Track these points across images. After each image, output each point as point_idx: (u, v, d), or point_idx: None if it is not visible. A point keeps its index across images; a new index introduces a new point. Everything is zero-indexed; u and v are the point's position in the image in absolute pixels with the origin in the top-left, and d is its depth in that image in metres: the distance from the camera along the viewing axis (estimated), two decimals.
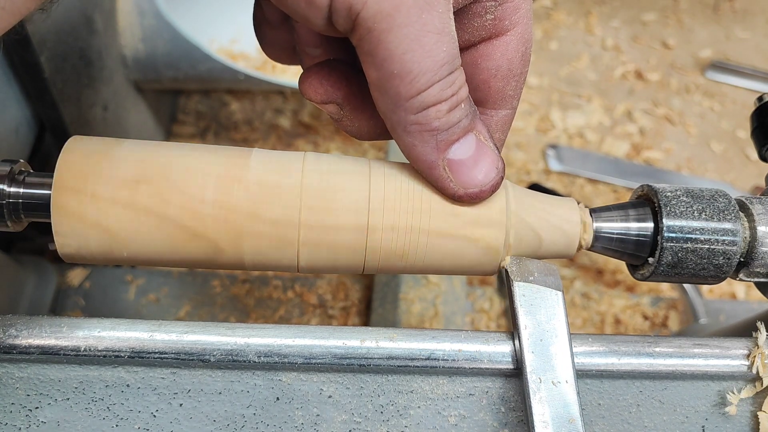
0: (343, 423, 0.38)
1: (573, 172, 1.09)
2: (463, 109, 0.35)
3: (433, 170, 0.35)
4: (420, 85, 0.33)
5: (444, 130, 0.34)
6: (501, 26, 0.38)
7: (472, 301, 0.84)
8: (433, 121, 0.34)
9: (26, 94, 0.63)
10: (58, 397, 0.36)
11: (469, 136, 0.36)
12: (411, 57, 0.32)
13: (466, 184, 0.35)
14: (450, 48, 0.33)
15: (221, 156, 0.36)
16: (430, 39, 0.32)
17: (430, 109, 0.34)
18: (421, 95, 0.33)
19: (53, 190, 0.34)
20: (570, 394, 0.34)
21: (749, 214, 0.38)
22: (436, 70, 0.33)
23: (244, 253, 0.36)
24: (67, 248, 0.36)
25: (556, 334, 0.36)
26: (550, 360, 0.35)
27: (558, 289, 0.37)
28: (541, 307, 0.36)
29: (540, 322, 0.36)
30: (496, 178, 0.36)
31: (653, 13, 1.36)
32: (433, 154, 0.35)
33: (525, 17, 0.39)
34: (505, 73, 0.39)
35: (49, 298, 0.76)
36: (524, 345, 0.35)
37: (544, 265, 0.38)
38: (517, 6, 0.38)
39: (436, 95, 0.33)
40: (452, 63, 0.34)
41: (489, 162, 0.36)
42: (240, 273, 0.82)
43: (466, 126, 0.35)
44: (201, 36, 0.82)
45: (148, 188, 0.35)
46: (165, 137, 1.01)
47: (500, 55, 0.39)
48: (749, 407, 0.39)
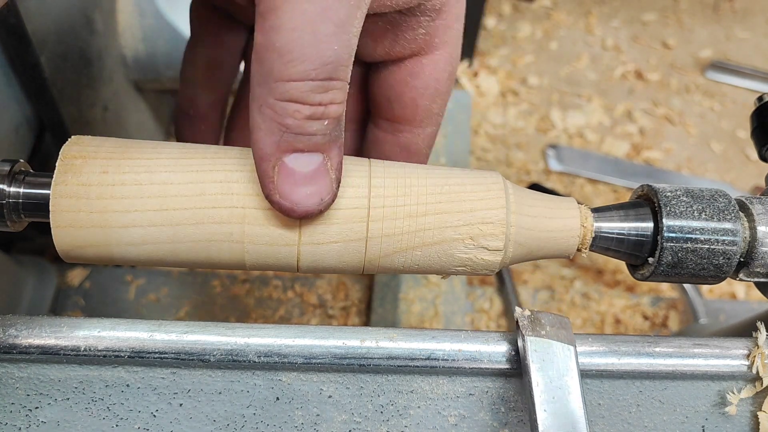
0: (343, 423, 0.37)
1: (573, 172, 1.09)
2: (324, 125, 0.32)
3: (263, 162, 0.33)
4: (293, 72, 0.30)
5: (293, 133, 0.32)
6: (432, 43, 0.38)
7: (472, 301, 0.84)
8: (286, 118, 0.31)
9: (26, 94, 0.63)
10: (58, 397, 0.36)
11: (315, 154, 0.33)
12: (297, 37, 0.29)
13: (284, 193, 0.33)
14: (342, 49, 0.31)
15: (221, 154, 0.36)
16: (326, 28, 0.30)
17: (290, 104, 0.31)
18: (289, 83, 0.30)
19: (53, 189, 0.34)
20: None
21: (749, 214, 0.38)
22: (317, 66, 0.30)
23: (244, 252, 0.36)
24: (67, 248, 0.36)
25: (569, 390, 0.35)
26: (562, 419, 0.34)
27: (571, 343, 0.36)
28: (553, 362, 0.35)
29: (552, 378, 0.35)
30: (314, 208, 0.33)
31: (653, 13, 1.36)
32: (271, 148, 0.32)
33: (455, 37, 0.38)
34: (432, 92, 0.39)
35: (49, 298, 0.76)
36: (536, 404, 0.34)
37: (557, 318, 0.37)
38: (448, 25, 0.38)
39: (302, 94, 0.31)
40: (336, 67, 0.31)
41: (317, 189, 0.33)
42: (240, 273, 0.82)
43: (319, 143, 0.32)
44: None
45: (147, 186, 0.35)
46: (165, 137, 1.01)
47: (428, 74, 0.39)
48: (749, 407, 0.39)
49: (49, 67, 0.62)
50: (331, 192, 0.34)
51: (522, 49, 1.27)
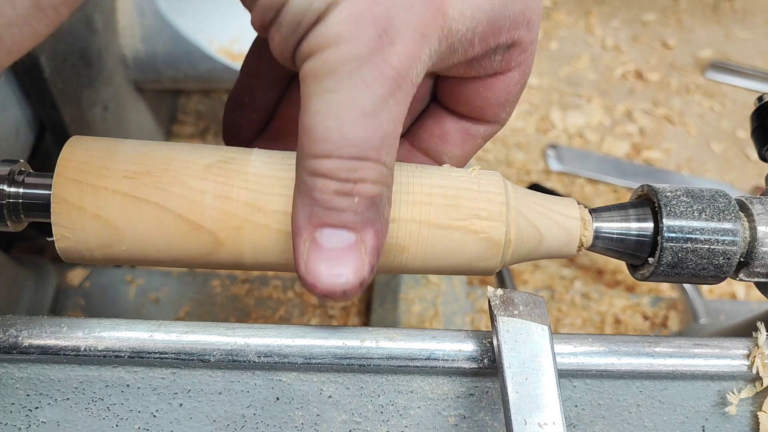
0: (343, 423, 0.37)
1: (573, 172, 1.09)
2: (354, 203, 0.32)
3: (296, 237, 0.33)
4: (318, 149, 0.31)
5: (322, 207, 0.32)
6: (507, 66, 0.38)
7: (472, 301, 0.84)
8: (315, 192, 0.31)
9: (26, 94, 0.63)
10: (58, 397, 0.36)
11: (346, 233, 0.32)
12: (321, 120, 0.30)
13: (309, 268, 0.32)
14: (369, 133, 0.31)
15: (223, 154, 0.36)
16: (349, 115, 0.30)
17: (318, 178, 0.31)
18: (316, 160, 0.31)
19: (53, 190, 0.34)
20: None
21: (749, 214, 0.38)
22: (340, 146, 0.30)
23: (243, 249, 0.36)
24: (67, 248, 0.36)
25: (542, 371, 0.34)
26: (535, 400, 0.33)
27: (545, 323, 0.35)
28: (526, 343, 0.34)
29: (525, 359, 0.34)
30: (339, 288, 0.32)
31: (653, 13, 1.36)
32: (303, 221, 0.32)
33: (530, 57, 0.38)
34: (503, 102, 0.39)
35: (49, 298, 0.76)
36: (508, 385, 0.33)
37: (531, 298, 0.36)
38: (524, 48, 0.37)
39: (328, 169, 0.31)
40: (363, 149, 0.31)
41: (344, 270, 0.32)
42: (240, 273, 0.82)
43: (349, 221, 0.32)
44: (201, 36, 0.82)
45: (147, 184, 0.35)
46: (165, 137, 1.01)
47: (502, 88, 0.39)
48: (749, 407, 0.39)
49: (49, 67, 0.62)
50: (361, 276, 0.32)
51: None
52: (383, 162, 0.32)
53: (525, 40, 0.37)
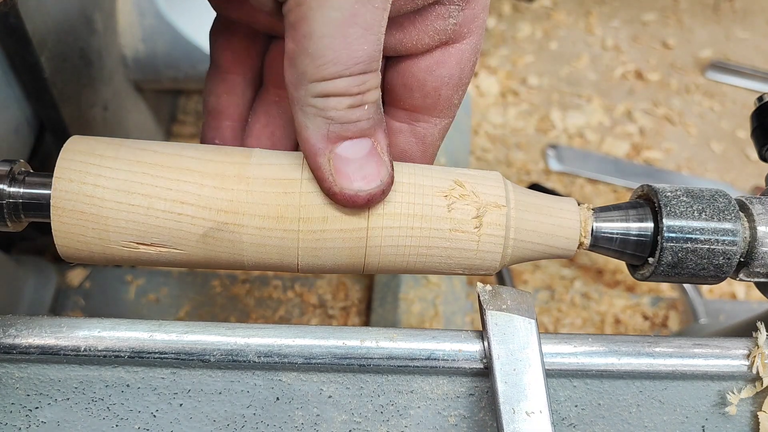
0: (343, 423, 0.37)
1: (573, 172, 1.09)
2: (365, 110, 0.34)
3: (317, 157, 0.34)
4: (327, 72, 0.32)
5: (339, 123, 0.33)
6: (459, 32, 0.38)
7: (472, 301, 0.84)
8: (330, 111, 0.33)
9: (26, 94, 0.63)
10: (58, 397, 0.36)
11: (364, 139, 0.34)
12: (329, 43, 0.31)
13: (343, 183, 0.34)
14: (372, 48, 0.32)
15: (222, 154, 0.36)
16: (354, 31, 0.32)
17: (331, 98, 0.33)
18: (326, 82, 0.32)
19: (53, 189, 0.34)
20: (544, 423, 0.34)
21: (749, 214, 0.38)
22: (349, 66, 0.32)
23: (243, 252, 0.36)
24: (67, 248, 0.36)
25: (530, 363, 0.35)
26: (523, 390, 0.35)
27: (531, 317, 0.36)
28: (514, 335, 0.36)
29: (512, 351, 0.35)
30: (376, 190, 0.35)
31: (653, 13, 1.36)
32: (321, 142, 0.34)
33: (481, 27, 0.39)
34: (456, 81, 0.40)
35: (49, 298, 0.76)
36: (497, 375, 0.35)
37: (518, 293, 0.38)
38: (476, 14, 0.38)
39: (341, 88, 0.33)
40: (368, 63, 0.33)
41: (375, 171, 0.34)
42: (240, 273, 0.82)
43: (364, 129, 0.34)
44: (201, 36, 0.82)
45: (148, 185, 0.35)
46: (165, 137, 1.01)
47: (455, 63, 0.39)
48: (749, 407, 0.39)
49: (49, 67, 0.62)
50: (388, 173, 0.35)
51: (522, 49, 1.27)
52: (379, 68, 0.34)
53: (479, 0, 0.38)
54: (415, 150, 0.42)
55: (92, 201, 0.34)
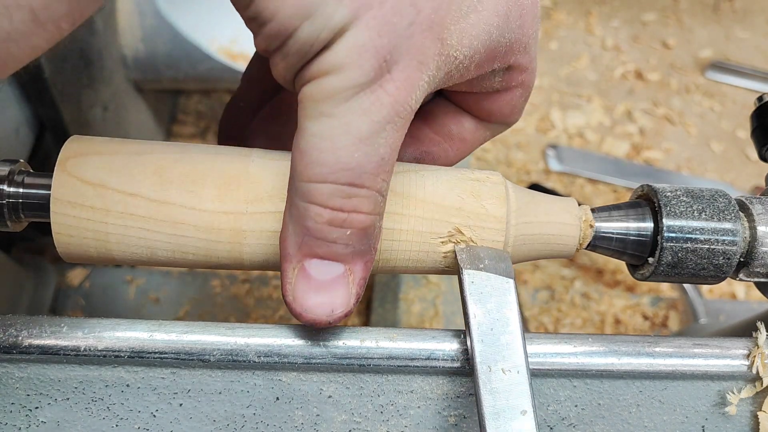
0: (343, 423, 0.37)
1: (573, 172, 1.09)
2: (347, 235, 0.32)
3: (284, 262, 0.33)
4: (312, 173, 0.31)
5: (313, 237, 0.32)
6: (508, 85, 0.38)
7: None
8: (308, 220, 0.31)
9: (26, 94, 0.63)
10: (58, 397, 0.36)
11: (336, 265, 0.33)
12: (317, 142, 0.30)
13: (296, 297, 0.33)
14: (365, 158, 0.30)
15: (221, 155, 0.36)
16: (344, 140, 0.30)
17: (311, 206, 0.31)
18: (310, 184, 0.31)
19: (52, 189, 0.34)
20: (522, 384, 0.33)
21: (749, 214, 0.38)
22: (335, 170, 0.30)
23: (243, 252, 0.36)
24: (67, 248, 0.36)
25: (507, 323, 0.34)
26: (501, 350, 0.34)
27: (509, 276, 0.35)
28: (491, 295, 0.35)
29: (490, 310, 0.35)
30: (324, 318, 0.33)
31: (653, 13, 1.36)
32: (293, 249, 0.32)
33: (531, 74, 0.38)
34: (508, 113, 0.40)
35: (49, 298, 0.76)
36: (473, 335, 0.34)
37: (496, 252, 0.37)
38: (524, 67, 0.37)
39: (322, 196, 0.31)
40: (358, 174, 0.31)
41: (332, 300, 0.33)
42: (240, 273, 0.82)
43: (340, 254, 0.32)
44: (201, 36, 0.82)
45: (147, 186, 0.35)
46: (165, 137, 1.01)
47: (506, 103, 0.39)
48: (749, 407, 0.39)
49: (49, 67, 0.62)
50: (347, 306, 0.33)
51: None
52: (378, 189, 0.32)
53: (522, 63, 0.37)
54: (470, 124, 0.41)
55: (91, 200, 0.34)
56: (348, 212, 0.31)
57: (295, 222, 0.32)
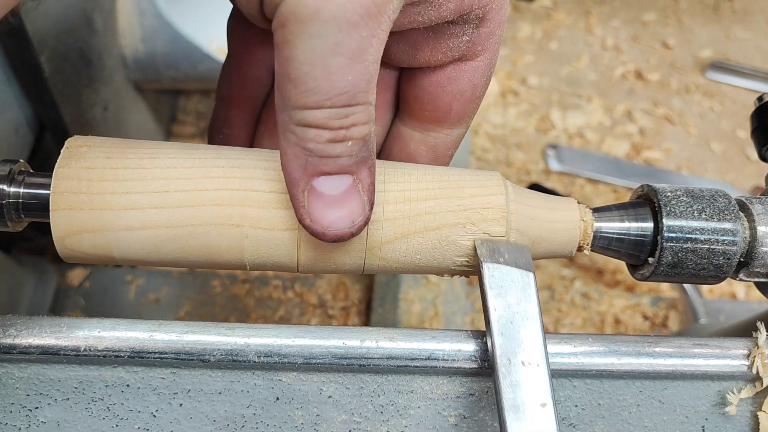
0: (343, 423, 0.37)
1: (573, 172, 1.09)
2: (348, 146, 0.32)
3: (292, 187, 0.33)
4: (309, 101, 0.30)
5: (317, 156, 0.32)
6: (473, 50, 0.38)
7: (472, 301, 0.84)
8: (309, 142, 0.31)
9: (26, 94, 0.63)
10: (58, 397, 0.36)
11: (344, 176, 0.33)
12: (309, 70, 0.30)
13: (315, 217, 0.33)
14: (357, 78, 0.30)
15: (222, 155, 0.36)
16: (337, 61, 0.30)
17: (310, 129, 0.31)
18: (306, 111, 0.31)
19: (52, 189, 0.34)
20: (542, 377, 0.33)
21: (749, 214, 0.38)
22: (330, 96, 0.30)
23: (244, 253, 0.36)
24: (67, 248, 0.35)
25: (527, 316, 0.34)
26: (520, 343, 0.34)
27: (529, 269, 0.35)
28: (511, 288, 0.35)
29: (510, 304, 0.34)
30: (345, 231, 0.33)
31: (653, 13, 1.36)
32: (298, 172, 0.32)
33: (496, 44, 0.38)
34: (468, 96, 0.39)
35: (49, 298, 0.76)
36: (493, 328, 0.34)
37: (516, 246, 0.37)
38: (492, 32, 0.37)
39: (320, 120, 0.31)
40: (353, 95, 0.31)
41: (350, 211, 0.33)
42: (240, 273, 0.82)
43: (345, 166, 0.32)
44: (201, 36, 0.82)
45: (147, 187, 0.35)
46: (165, 137, 1.01)
47: (467, 80, 0.38)
48: (749, 407, 0.39)
49: (49, 67, 0.62)
50: (364, 214, 0.33)
51: (522, 49, 1.27)
52: (370, 101, 0.32)
53: (494, 18, 0.37)
54: (425, 158, 0.42)
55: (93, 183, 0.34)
56: (347, 128, 0.31)
57: (294, 146, 0.32)
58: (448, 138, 0.41)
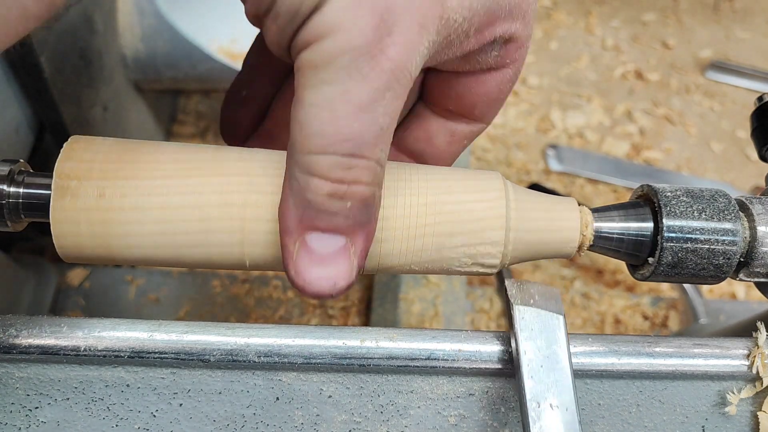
0: (343, 423, 0.37)
1: (573, 172, 1.09)
2: (347, 207, 0.31)
3: (285, 236, 0.32)
4: (312, 144, 0.30)
5: (314, 210, 0.31)
6: (502, 62, 0.38)
7: (472, 301, 0.84)
8: (308, 193, 0.31)
9: (26, 94, 0.63)
10: (58, 397, 0.36)
11: (337, 236, 0.32)
12: (316, 113, 0.29)
13: (299, 270, 0.32)
14: (364, 127, 0.30)
15: (222, 156, 0.36)
16: (345, 109, 0.29)
17: (312, 178, 0.30)
18: (310, 155, 0.30)
19: (52, 190, 0.34)
20: (572, 422, 0.33)
21: (749, 214, 0.38)
22: (334, 142, 0.30)
23: (244, 253, 0.36)
24: (67, 248, 0.35)
25: (558, 360, 0.35)
26: (550, 387, 0.34)
27: (560, 313, 0.36)
28: (542, 332, 0.35)
29: (540, 347, 0.35)
30: (326, 292, 0.32)
31: (653, 13, 1.36)
32: (293, 222, 0.32)
33: (523, 55, 0.38)
34: (494, 98, 0.39)
35: (49, 298, 0.76)
36: (524, 371, 0.34)
37: (546, 289, 0.37)
38: (520, 44, 0.37)
39: (323, 168, 0.30)
40: (358, 145, 0.30)
41: (334, 273, 0.32)
42: (240, 273, 0.82)
43: (341, 226, 0.32)
44: (201, 36, 0.82)
45: (147, 187, 0.35)
46: (165, 137, 1.01)
47: (494, 85, 0.39)
48: (749, 407, 0.39)
49: (49, 67, 0.62)
50: (349, 279, 0.33)
51: None
52: (377, 159, 0.31)
53: (521, 35, 0.37)
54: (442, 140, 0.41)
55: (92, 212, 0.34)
56: (348, 184, 0.31)
57: (295, 195, 0.31)
58: (467, 128, 0.41)
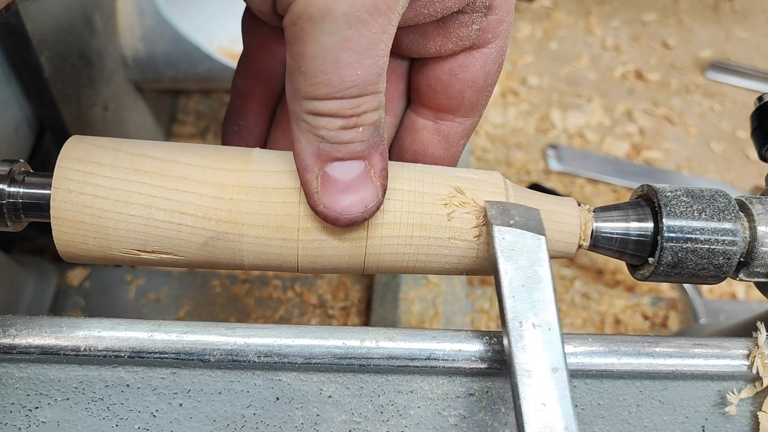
0: (343, 423, 0.37)
1: (573, 172, 1.09)
2: (359, 132, 0.33)
3: (305, 173, 0.34)
4: (319, 93, 0.31)
5: (329, 143, 0.33)
6: (484, 38, 0.38)
7: (472, 301, 0.84)
8: (321, 129, 0.32)
9: (26, 94, 0.63)
10: (58, 397, 0.36)
11: (355, 161, 0.33)
12: (320, 65, 0.31)
13: (328, 203, 0.34)
14: (367, 72, 0.32)
15: (220, 160, 0.36)
16: (347, 56, 0.31)
17: (322, 117, 0.32)
18: (317, 101, 0.32)
19: (53, 189, 0.34)
20: (554, 341, 0.32)
21: (749, 214, 0.38)
22: (341, 90, 0.31)
23: (243, 253, 0.36)
24: (67, 248, 0.36)
25: (539, 279, 0.34)
26: (532, 306, 0.33)
27: (541, 233, 0.35)
28: (522, 252, 0.34)
29: (521, 267, 0.34)
30: (358, 215, 0.34)
31: (653, 13, 1.36)
32: (311, 159, 0.33)
33: (506, 31, 0.38)
34: (481, 84, 0.39)
35: (49, 298, 0.76)
36: (504, 290, 0.33)
37: (527, 210, 0.36)
38: (501, 19, 0.38)
39: (332, 110, 0.32)
40: (363, 87, 0.32)
41: (362, 196, 0.34)
42: (240, 273, 0.82)
43: (357, 151, 0.33)
44: (201, 36, 0.82)
45: (147, 188, 0.35)
46: (165, 137, 1.01)
47: (479, 67, 0.39)
48: (749, 407, 0.39)
49: (49, 67, 0.62)
50: (376, 199, 0.34)
51: (522, 49, 1.27)
52: (380, 90, 0.33)
53: (502, 5, 0.37)
54: (438, 147, 0.42)
55: (92, 212, 0.34)
56: (358, 116, 0.32)
57: (306, 133, 0.33)
58: (460, 127, 0.41)
